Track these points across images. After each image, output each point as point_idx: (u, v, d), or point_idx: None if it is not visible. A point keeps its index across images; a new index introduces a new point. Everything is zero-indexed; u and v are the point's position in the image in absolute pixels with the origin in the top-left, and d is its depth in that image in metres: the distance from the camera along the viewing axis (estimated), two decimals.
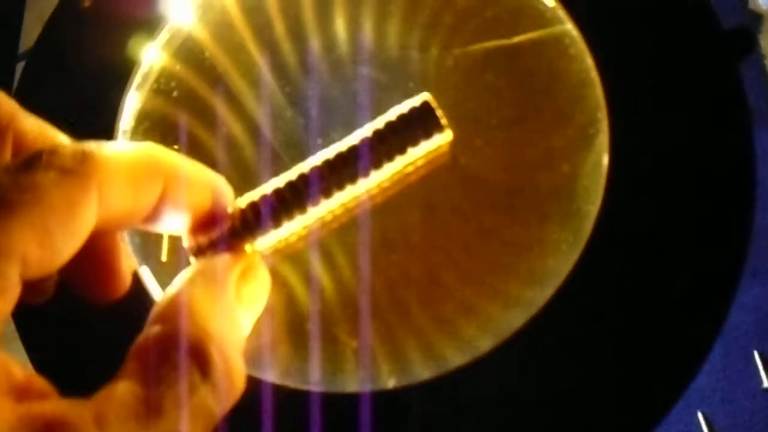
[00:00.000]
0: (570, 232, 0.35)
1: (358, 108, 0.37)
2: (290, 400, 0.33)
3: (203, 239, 0.30)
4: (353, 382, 0.34)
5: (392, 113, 0.32)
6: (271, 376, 0.34)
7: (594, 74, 0.36)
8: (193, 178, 0.28)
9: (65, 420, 0.22)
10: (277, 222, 0.31)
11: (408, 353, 0.34)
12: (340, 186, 0.32)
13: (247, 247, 0.31)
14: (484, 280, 0.35)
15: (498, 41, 0.38)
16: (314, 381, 0.34)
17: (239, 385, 0.26)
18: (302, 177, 0.31)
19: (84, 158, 0.24)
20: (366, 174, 0.32)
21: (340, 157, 0.32)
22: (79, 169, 0.24)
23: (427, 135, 0.32)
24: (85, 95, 0.40)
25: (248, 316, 0.29)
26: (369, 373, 0.33)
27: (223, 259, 0.29)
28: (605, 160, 0.35)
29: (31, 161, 0.24)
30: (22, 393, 0.23)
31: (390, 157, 0.32)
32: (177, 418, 0.24)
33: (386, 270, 0.35)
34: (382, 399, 0.33)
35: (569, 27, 0.37)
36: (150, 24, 0.41)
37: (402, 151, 0.32)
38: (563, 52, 0.37)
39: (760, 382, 0.61)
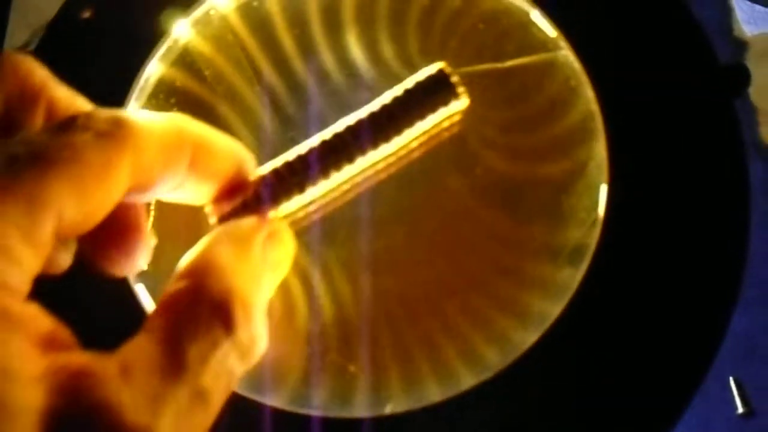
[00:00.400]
0: (568, 265, 0.35)
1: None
2: (290, 425, 0.33)
3: (227, 207, 0.31)
4: (356, 407, 0.33)
5: (409, 81, 0.33)
6: (270, 399, 0.34)
7: (594, 106, 0.37)
8: (218, 147, 0.29)
9: (90, 371, 0.22)
10: (300, 187, 0.31)
11: (413, 375, 0.34)
12: (363, 151, 0.32)
13: (271, 214, 0.31)
14: (494, 291, 0.35)
15: (496, 67, 0.38)
16: (315, 405, 0.33)
17: (261, 345, 0.26)
18: (324, 144, 0.32)
19: (118, 123, 0.25)
20: (387, 139, 0.33)
21: (361, 124, 0.32)
22: (114, 132, 0.24)
23: (445, 101, 0.33)
24: None
25: (272, 279, 0.29)
26: (370, 397, 0.33)
27: (249, 221, 0.29)
28: (603, 191, 0.36)
29: (68, 123, 0.24)
30: (48, 343, 0.23)
31: (410, 123, 0.33)
32: (200, 372, 0.24)
33: (391, 285, 0.35)
34: (385, 424, 0.33)
35: (571, 59, 0.38)
36: (149, 36, 0.40)
37: (421, 116, 0.33)
38: (563, 83, 0.38)
39: (735, 408, 0.62)
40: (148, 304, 0.38)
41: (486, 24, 0.39)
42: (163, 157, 0.26)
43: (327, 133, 0.33)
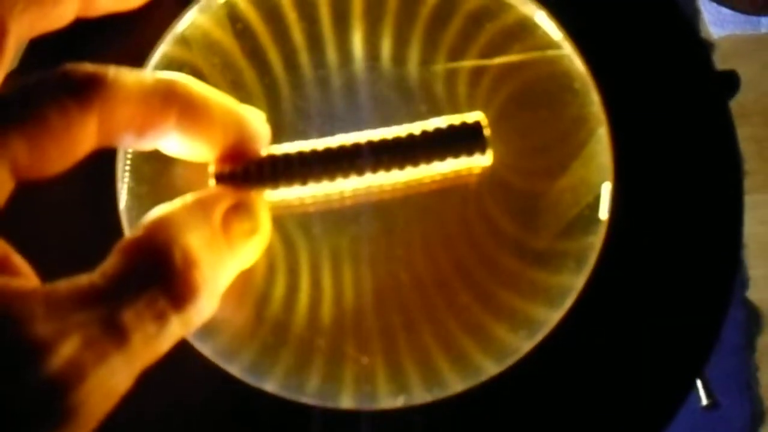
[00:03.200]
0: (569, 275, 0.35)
1: (365, 119, 0.37)
2: (290, 414, 0.33)
3: (227, 168, 0.32)
4: (370, 399, 0.33)
5: (444, 120, 0.34)
6: (271, 386, 0.33)
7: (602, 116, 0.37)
8: (215, 110, 0.30)
9: (13, 289, 0.24)
10: (303, 179, 0.33)
11: (428, 366, 0.34)
12: (374, 169, 0.33)
13: (266, 192, 0.32)
14: (493, 294, 0.35)
15: (500, 62, 0.38)
16: (316, 395, 0.33)
17: (202, 302, 0.27)
18: (341, 149, 0.33)
19: (92, 82, 0.27)
20: (401, 166, 0.33)
21: (382, 143, 0.33)
22: (83, 93, 0.26)
23: (469, 152, 0.34)
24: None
25: (237, 248, 0.30)
26: (384, 389, 0.33)
27: (216, 189, 0.31)
28: (606, 189, 0.36)
29: (42, 81, 0.27)
30: None
31: (429, 160, 0.33)
32: (118, 305, 0.25)
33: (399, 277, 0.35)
34: (384, 418, 0.33)
35: (576, 61, 0.38)
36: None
37: (442, 158, 0.33)
38: (567, 84, 0.38)
39: (699, 399, 0.64)
40: None
41: (491, 23, 0.39)
42: (141, 115, 0.28)
43: (347, 139, 0.33)
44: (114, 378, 0.24)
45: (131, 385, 0.26)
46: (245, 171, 0.32)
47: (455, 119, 0.34)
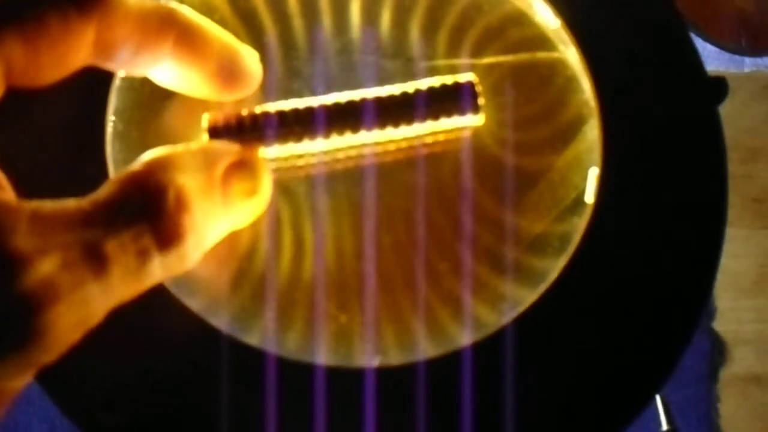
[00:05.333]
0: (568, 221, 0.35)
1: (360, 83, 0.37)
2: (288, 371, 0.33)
3: (221, 121, 0.31)
4: (344, 357, 0.33)
5: (437, 80, 0.34)
6: (253, 339, 0.33)
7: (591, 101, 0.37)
8: (211, 41, 0.29)
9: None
10: (298, 137, 0.32)
11: (404, 330, 0.33)
12: (368, 127, 0.33)
13: (260, 148, 0.31)
14: (472, 268, 0.35)
15: (499, 61, 0.38)
16: (294, 350, 0.33)
17: (186, 246, 0.26)
18: (336, 105, 0.32)
19: None
20: (395, 124, 0.33)
21: (376, 101, 0.33)
22: (84, 4, 0.26)
23: (462, 111, 0.34)
24: None
25: (235, 206, 0.29)
26: (360, 348, 0.33)
27: (221, 143, 0.30)
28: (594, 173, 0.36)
29: None
30: None
31: (422, 118, 0.33)
32: (104, 234, 0.24)
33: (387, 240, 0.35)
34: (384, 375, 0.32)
35: (573, 53, 0.38)
36: None
37: (435, 116, 0.33)
38: (562, 76, 0.38)
39: (660, 425, 0.64)
40: None
41: (490, 6, 0.39)
42: (138, 33, 0.27)
43: (341, 97, 0.33)
44: (86, 307, 0.24)
45: (100, 321, 0.25)
46: (239, 124, 0.31)
47: (448, 79, 0.34)
